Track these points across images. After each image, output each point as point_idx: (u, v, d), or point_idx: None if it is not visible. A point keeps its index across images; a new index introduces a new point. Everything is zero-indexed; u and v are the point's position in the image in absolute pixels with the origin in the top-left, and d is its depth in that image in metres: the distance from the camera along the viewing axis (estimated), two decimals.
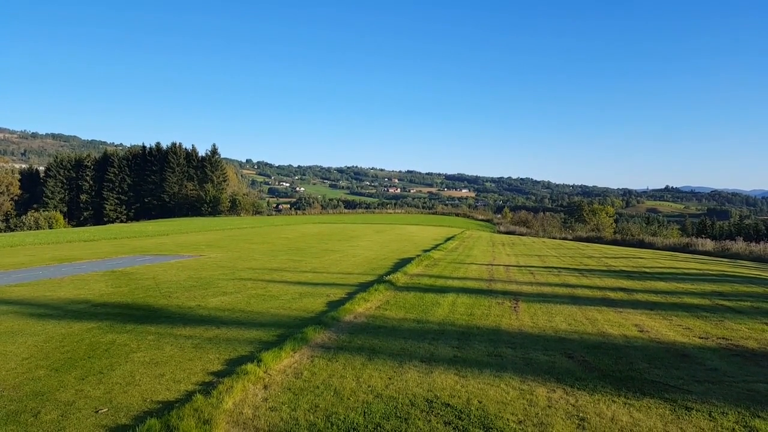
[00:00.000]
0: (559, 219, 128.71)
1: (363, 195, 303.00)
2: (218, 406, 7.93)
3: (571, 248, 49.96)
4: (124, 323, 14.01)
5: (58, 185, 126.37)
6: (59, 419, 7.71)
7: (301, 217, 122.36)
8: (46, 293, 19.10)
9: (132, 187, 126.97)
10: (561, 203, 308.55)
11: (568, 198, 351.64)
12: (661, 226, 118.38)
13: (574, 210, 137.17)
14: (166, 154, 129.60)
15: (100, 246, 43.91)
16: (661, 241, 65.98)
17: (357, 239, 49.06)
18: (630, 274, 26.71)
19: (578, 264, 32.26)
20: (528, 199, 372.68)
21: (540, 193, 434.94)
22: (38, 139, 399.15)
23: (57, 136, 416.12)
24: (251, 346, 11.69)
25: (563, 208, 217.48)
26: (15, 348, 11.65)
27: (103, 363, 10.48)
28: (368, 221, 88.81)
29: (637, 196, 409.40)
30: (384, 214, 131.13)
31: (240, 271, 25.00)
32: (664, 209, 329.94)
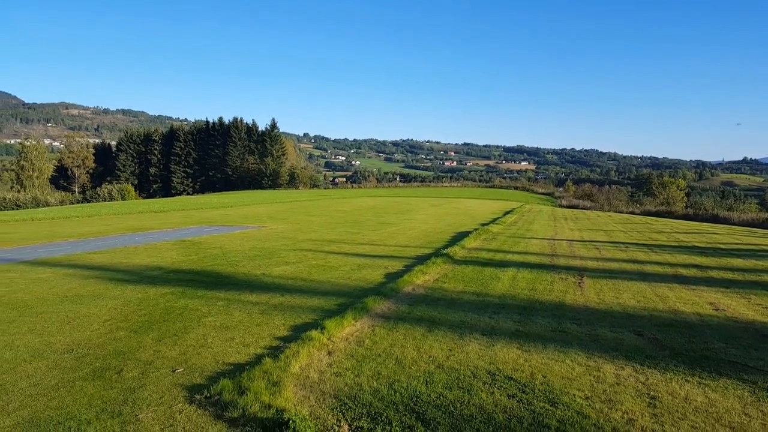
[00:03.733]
0: (625, 192, 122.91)
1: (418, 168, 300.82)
2: (286, 370, 8.21)
3: (639, 223, 47.80)
4: (195, 289, 14.72)
5: (129, 159, 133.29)
6: (140, 377, 8.23)
7: (357, 190, 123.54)
8: (122, 260, 20.35)
9: (197, 161, 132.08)
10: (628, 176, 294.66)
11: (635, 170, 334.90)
12: (738, 200, 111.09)
13: (643, 183, 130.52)
14: (228, 128, 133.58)
15: (169, 217, 46.18)
16: (737, 216, 61.93)
17: (413, 213, 49.05)
18: (703, 251, 25.28)
19: (647, 239, 30.86)
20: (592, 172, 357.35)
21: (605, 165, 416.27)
22: (110, 114, 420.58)
23: (127, 112, 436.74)
24: (314, 314, 12.00)
25: (630, 181, 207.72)
26: (98, 310, 12.50)
27: (178, 326, 11.08)
28: (424, 195, 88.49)
29: (711, 169, 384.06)
30: (440, 187, 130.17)
31: (300, 242, 25.61)
32: (741, 182, 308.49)
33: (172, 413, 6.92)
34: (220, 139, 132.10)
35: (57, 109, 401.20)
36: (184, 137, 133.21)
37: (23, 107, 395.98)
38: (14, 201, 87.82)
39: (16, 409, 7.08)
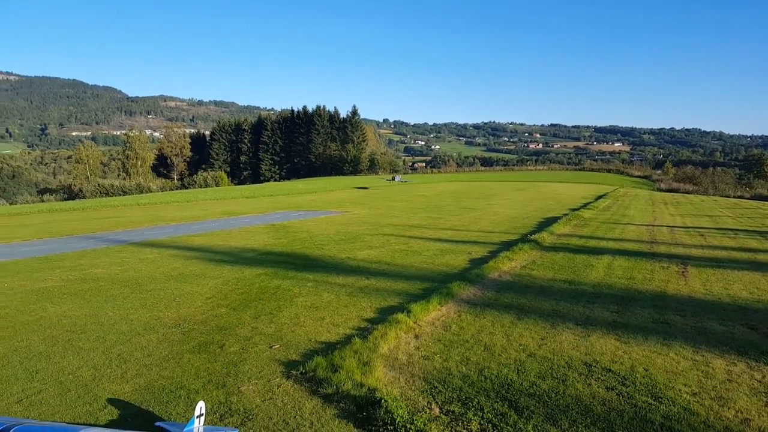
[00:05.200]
0: (732, 175, 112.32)
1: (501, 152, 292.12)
2: (375, 350, 8.36)
3: (750, 208, 43.70)
4: (286, 270, 15.36)
5: (222, 147, 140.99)
6: (240, 351, 8.73)
7: (437, 175, 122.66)
8: (220, 242, 21.64)
9: (283, 148, 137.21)
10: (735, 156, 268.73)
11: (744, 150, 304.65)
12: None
13: (753, 164, 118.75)
14: (311, 116, 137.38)
15: (259, 202, 48.45)
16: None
17: (496, 197, 47.99)
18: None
19: (759, 225, 28.16)
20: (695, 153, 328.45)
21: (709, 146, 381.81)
22: (203, 106, 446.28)
23: (219, 103, 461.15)
24: (399, 298, 12.11)
25: (738, 163, 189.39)
26: (200, 288, 13.39)
27: (272, 305, 11.61)
28: (507, 179, 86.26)
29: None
30: (524, 171, 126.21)
31: (383, 227, 25.90)
32: None
33: (270, 387, 7.28)
34: (304, 127, 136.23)
35: (157, 102, 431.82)
36: (271, 126, 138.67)
37: (127, 101, 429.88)
38: (121, 188, 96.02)
39: (133, 377, 7.76)
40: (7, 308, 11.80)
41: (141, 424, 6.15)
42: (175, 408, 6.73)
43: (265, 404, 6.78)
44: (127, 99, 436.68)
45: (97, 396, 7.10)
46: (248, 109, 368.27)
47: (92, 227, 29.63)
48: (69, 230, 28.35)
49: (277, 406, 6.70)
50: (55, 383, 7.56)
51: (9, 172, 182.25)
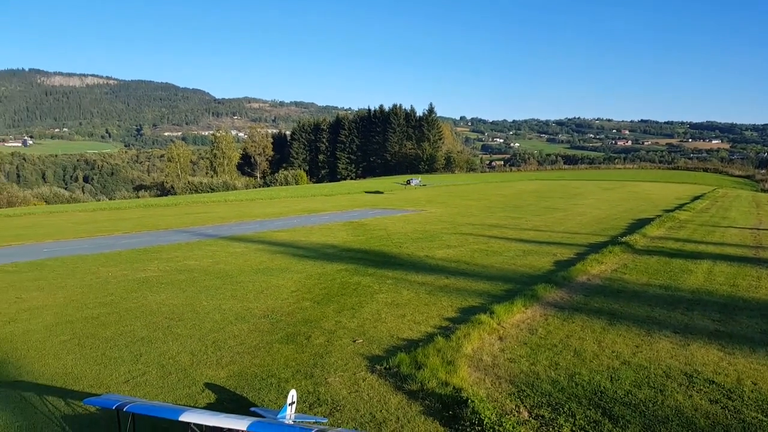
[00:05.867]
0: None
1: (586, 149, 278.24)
2: (458, 350, 8.26)
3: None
4: (366, 267, 15.58)
5: (301, 147, 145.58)
6: (326, 344, 8.94)
7: (516, 173, 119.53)
8: (302, 238, 22.36)
9: (359, 147, 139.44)
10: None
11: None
12: None
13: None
14: (388, 115, 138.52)
15: (337, 200, 49.56)
16: None
17: (581, 197, 45.99)
18: None
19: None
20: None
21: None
22: (284, 107, 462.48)
23: (298, 104, 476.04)
24: (480, 298, 11.91)
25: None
26: (285, 282, 13.88)
27: (354, 300, 11.82)
28: (593, 178, 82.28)
29: None
30: (611, 170, 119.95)
31: (460, 226, 25.61)
32: None
33: (356, 380, 7.40)
34: (380, 125, 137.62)
35: (241, 103, 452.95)
36: (348, 125, 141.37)
37: (214, 102, 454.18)
38: (209, 185, 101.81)
39: (228, 363, 8.17)
40: (112, 295, 12.83)
41: (236, 408, 6.44)
42: (267, 395, 7.01)
43: (351, 396, 6.90)
44: (215, 101, 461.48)
45: (196, 380, 7.54)
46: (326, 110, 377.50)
47: (185, 222, 31.61)
48: (164, 224, 30.42)
49: (363, 399, 6.80)
50: (157, 366, 8.11)
51: (108, 169, 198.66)
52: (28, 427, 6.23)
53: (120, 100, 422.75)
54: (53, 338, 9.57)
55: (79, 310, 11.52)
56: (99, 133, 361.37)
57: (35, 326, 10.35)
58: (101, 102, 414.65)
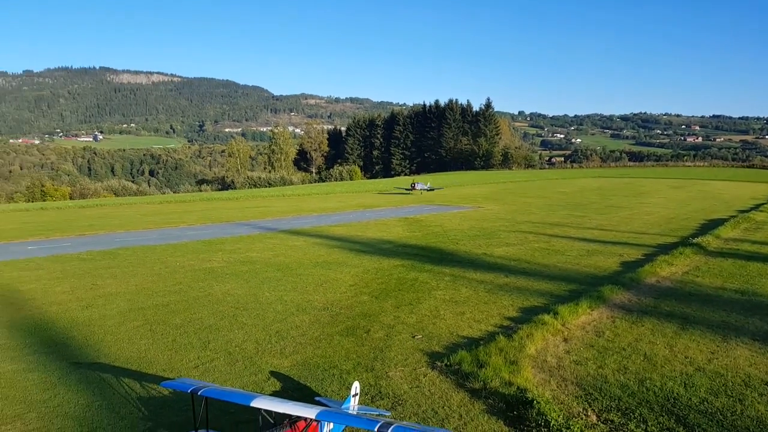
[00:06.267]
0: None
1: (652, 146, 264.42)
2: (521, 350, 8.09)
3: None
4: (422, 263, 15.52)
5: (356, 142, 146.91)
6: (385, 338, 8.99)
7: (577, 170, 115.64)
8: (358, 233, 22.57)
9: (414, 143, 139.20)
10: None
11: None
12: None
13: None
14: (443, 110, 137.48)
15: (392, 195, 49.71)
16: None
17: (647, 195, 43.99)
18: None
19: None
20: None
21: None
22: (340, 103, 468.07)
23: (354, 100, 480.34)
24: (543, 298, 11.61)
25: None
26: (343, 276, 14.05)
27: (411, 296, 11.81)
28: (660, 176, 78.36)
29: None
30: (680, 167, 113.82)
31: (519, 223, 25.06)
32: None
33: (417, 375, 7.38)
34: (435, 121, 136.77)
35: (298, 100, 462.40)
36: (402, 121, 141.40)
37: (273, 99, 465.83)
38: (267, 180, 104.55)
39: (291, 353, 8.36)
40: (180, 284, 13.40)
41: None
42: (330, 385, 7.12)
43: (413, 391, 6.89)
44: (273, 97, 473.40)
45: (261, 368, 7.76)
46: (381, 105, 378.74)
47: (245, 215, 32.62)
48: (226, 217, 31.50)
49: (425, 395, 6.77)
50: (224, 353, 8.40)
51: (172, 164, 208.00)
52: (107, 406, 6.60)
53: (184, 97, 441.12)
54: (127, 324, 10.11)
55: (150, 297, 12.11)
56: (164, 129, 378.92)
57: (110, 312, 10.96)
58: (166, 99, 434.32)
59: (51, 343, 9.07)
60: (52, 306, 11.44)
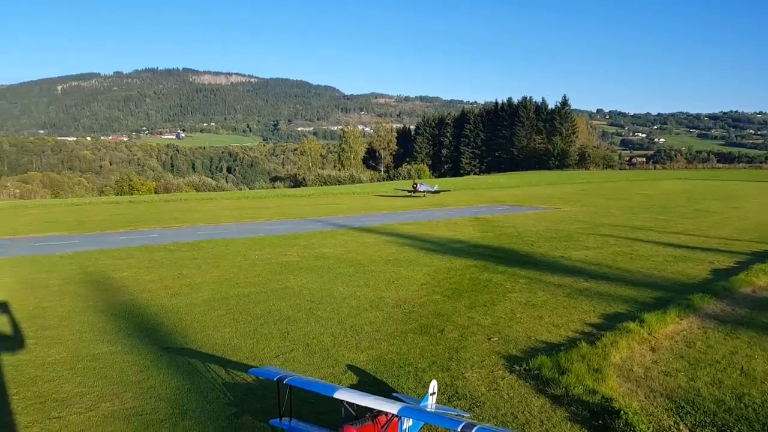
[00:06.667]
0: None
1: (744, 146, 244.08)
2: (605, 358, 7.74)
3: None
4: (495, 264, 15.22)
5: (425, 141, 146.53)
6: (460, 339, 8.89)
7: (661, 171, 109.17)
8: (428, 232, 22.50)
9: (484, 142, 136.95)
10: None
11: None
12: None
13: None
14: (516, 108, 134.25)
15: (461, 195, 49.14)
16: None
17: (739, 199, 40.78)
18: None
19: None
20: None
21: None
22: (409, 101, 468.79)
23: (423, 98, 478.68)
24: (626, 305, 11.06)
25: None
26: (414, 274, 14.05)
27: (485, 297, 11.60)
28: (753, 178, 72.49)
29: None
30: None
31: (599, 226, 24.02)
32: None
33: (494, 378, 7.24)
34: (507, 119, 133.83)
35: (368, 99, 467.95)
36: (473, 119, 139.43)
37: (343, 99, 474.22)
38: (337, 177, 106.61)
39: (366, 348, 8.45)
40: (259, 276, 13.93)
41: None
42: (406, 382, 7.13)
43: (490, 394, 6.77)
44: (344, 97, 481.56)
45: (338, 361, 7.90)
46: (451, 104, 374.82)
47: (317, 212, 33.43)
48: (299, 213, 32.43)
49: (503, 398, 6.63)
50: (302, 345, 8.64)
51: (248, 161, 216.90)
52: (195, 390, 6.96)
53: (260, 97, 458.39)
54: (211, 312, 10.62)
55: (232, 288, 12.67)
56: (241, 128, 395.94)
57: (196, 300, 11.57)
58: (244, 99, 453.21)
59: (143, 328, 9.69)
60: (143, 293, 12.23)
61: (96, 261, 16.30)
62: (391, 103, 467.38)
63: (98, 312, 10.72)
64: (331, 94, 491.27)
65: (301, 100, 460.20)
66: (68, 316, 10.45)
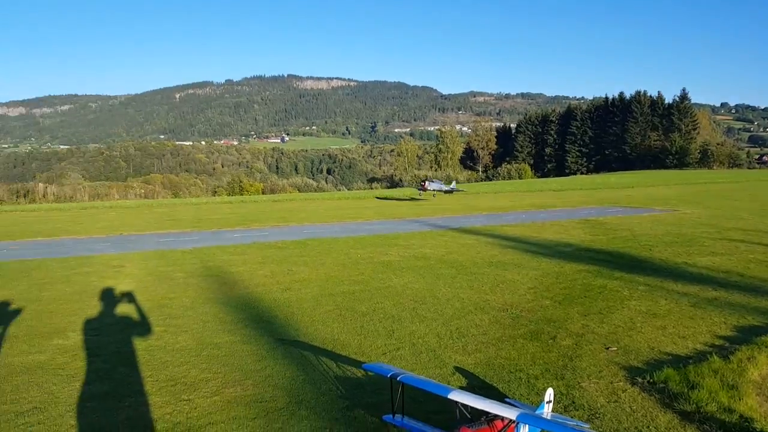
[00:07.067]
0: None
1: None
2: (742, 374, 6.97)
3: None
4: (610, 270, 14.30)
5: (526, 140, 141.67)
6: (574, 347, 8.43)
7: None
8: (533, 234, 21.70)
9: (593, 140, 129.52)
10: None
11: None
12: None
13: None
14: (629, 103, 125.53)
15: (567, 195, 46.99)
16: None
17: None
18: None
19: None
20: None
21: None
22: (510, 99, 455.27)
23: (525, 95, 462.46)
24: (763, 317, 9.91)
25: None
26: (520, 277, 13.58)
27: (600, 304, 10.93)
28: None
29: None
30: None
31: (726, 230, 21.77)
32: None
33: (614, 390, 6.78)
34: (618, 115, 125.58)
35: (467, 98, 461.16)
36: (581, 116, 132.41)
37: (441, 98, 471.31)
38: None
39: (473, 351, 8.29)
40: (363, 275, 14.22)
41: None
42: (517, 388, 6.89)
43: (611, 406, 6.34)
44: (441, 97, 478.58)
45: (445, 362, 7.83)
46: (556, 100, 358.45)
47: (416, 212, 33.59)
48: (398, 214, 32.81)
49: (626, 411, 6.18)
50: (408, 344, 8.66)
51: (347, 163, 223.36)
52: (309, 381, 7.23)
53: (359, 100, 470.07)
54: (319, 308, 11.00)
55: (338, 285, 13.06)
56: (340, 131, 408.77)
57: (304, 296, 12.05)
58: (343, 102, 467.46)
59: (258, 320, 10.26)
60: (257, 287, 12.96)
61: (214, 256, 17.55)
62: (490, 101, 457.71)
63: (218, 303, 11.53)
64: (428, 94, 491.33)
65: (399, 102, 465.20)
66: (192, 306, 11.33)
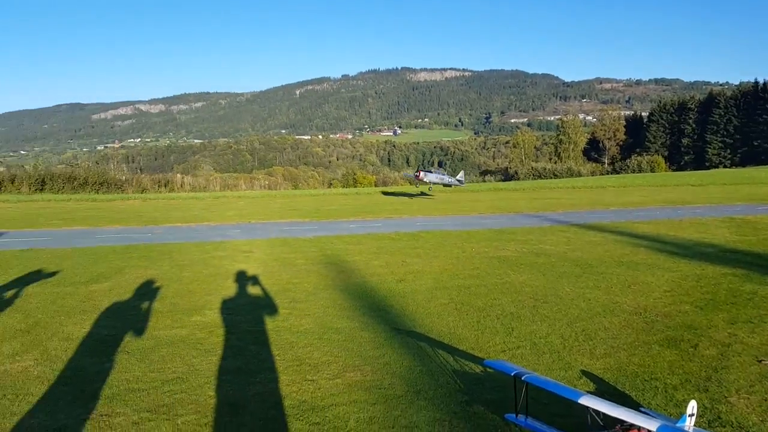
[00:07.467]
0: None
1: None
2: None
3: None
4: (762, 275, 12.63)
5: (660, 129, 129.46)
6: (719, 357, 7.55)
7: None
8: (668, 232, 19.85)
9: (738, 129, 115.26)
10: None
11: None
12: None
13: None
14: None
15: (708, 191, 42.44)
16: None
17: None
18: None
19: None
20: None
21: None
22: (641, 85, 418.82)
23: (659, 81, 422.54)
24: None
25: None
26: (655, 279, 12.47)
27: (751, 312, 9.69)
28: None
29: None
30: None
31: None
32: None
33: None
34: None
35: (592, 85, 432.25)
36: (724, 103, 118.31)
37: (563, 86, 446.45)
38: (552, 171, 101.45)
39: (602, 355, 7.75)
40: (478, 269, 13.95)
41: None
42: (653, 398, 6.32)
43: (765, 426, 5.59)
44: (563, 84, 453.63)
45: (570, 365, 7.40)
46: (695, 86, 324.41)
47: (533, 206, 32.31)
48: (514, 208, 31.77)
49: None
50: (529, 343, 8.32)
51: (459, 155, 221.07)
52: (426, 372, 7.23)
53: (473, 91, 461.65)
54: (434, 300, 10.97)
55: (452, 278, 12.94)
56: (453, 122, 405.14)
57: (419, 287, 12.09)
58: (457, 93, 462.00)
59: (374, 308, 10.48)
60: (373, 277, 13.26)
61: (332, 245, 18.27)
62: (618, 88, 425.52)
63: (337, 290, 11.97)
64: (548, 82, 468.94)
65: (516, 91, 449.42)
66: (314, 291, 11.87)
